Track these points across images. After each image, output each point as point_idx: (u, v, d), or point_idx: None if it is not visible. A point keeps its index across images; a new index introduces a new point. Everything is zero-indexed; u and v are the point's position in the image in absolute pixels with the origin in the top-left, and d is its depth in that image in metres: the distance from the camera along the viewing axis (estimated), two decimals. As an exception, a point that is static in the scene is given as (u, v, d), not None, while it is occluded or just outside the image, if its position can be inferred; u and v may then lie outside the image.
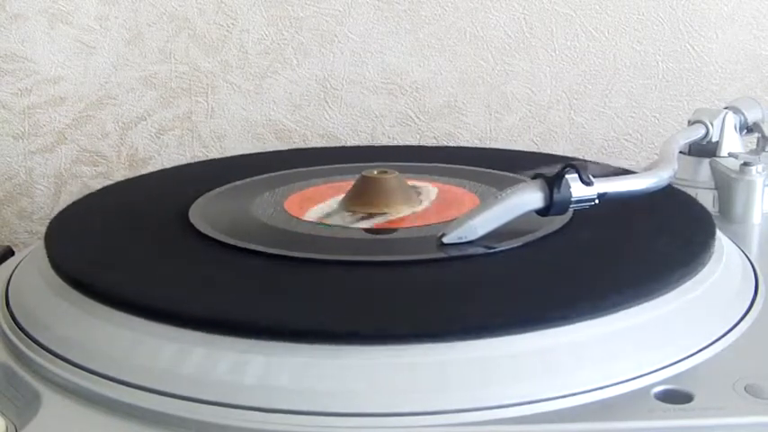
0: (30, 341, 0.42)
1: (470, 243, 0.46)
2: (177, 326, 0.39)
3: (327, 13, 0.82)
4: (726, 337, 0.41)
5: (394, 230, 0.51)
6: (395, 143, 0.83)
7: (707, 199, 0.59)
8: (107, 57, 0.82)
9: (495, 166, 0.62)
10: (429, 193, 0.56)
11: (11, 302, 0.46)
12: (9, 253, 0.56)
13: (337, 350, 0.37)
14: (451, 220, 0.48)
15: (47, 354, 0.40)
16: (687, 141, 0.61)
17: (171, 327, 0.39)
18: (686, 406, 0.36)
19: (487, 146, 0.82)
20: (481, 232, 0.46)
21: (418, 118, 0.83)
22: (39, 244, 0.50)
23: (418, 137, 0.83)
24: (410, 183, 0.56)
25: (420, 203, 0.54)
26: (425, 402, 0.36)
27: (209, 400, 0.36)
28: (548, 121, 0.83)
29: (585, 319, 0.39)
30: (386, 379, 0.36)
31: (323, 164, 0.63)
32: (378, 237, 0.50)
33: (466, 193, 0.57)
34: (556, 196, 0.45)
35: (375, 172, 0.54)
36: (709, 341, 0.41)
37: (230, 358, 0.37)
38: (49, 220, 0.52)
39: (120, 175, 0.83)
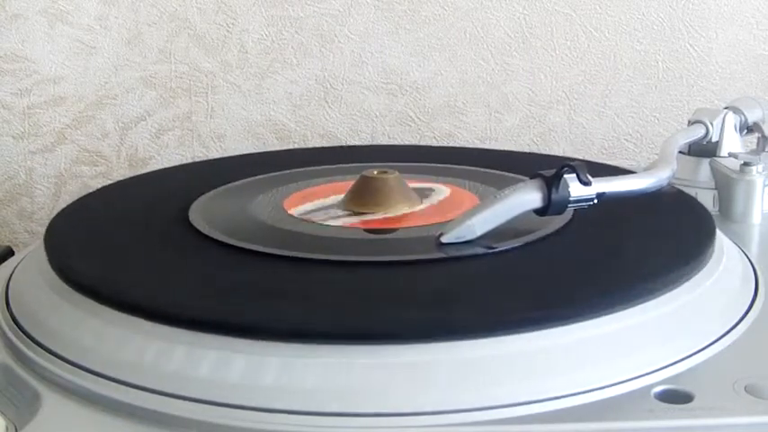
0: (30, 341, 0.42)
1: (469, 243, 0.46)
2: (176, 326, 0.39)
3: (327, 13, 0.82)
4: (726, 337, 0.41)
5: (394, 230, 0.51)
6: (395, 143, 0.83)
7: (707, 199, 0.59)
8: (107, 57, 0.82)
9: (494, 166, 0.62)
10: (440, 192, 0.55)
11: (11, 302, 0.46)
12: (9, 253, 0.56)
13: (337, 350, 0.37)
14: (450, 220, 0.48)
15: (47, 354, 0.40)
16: (687, 141, 0.61)
17: (169, 327, 0.39)
18: (686, 406, 0.36)
19: (487, 146, 0.82)
20: (479, 232, 0.46)
21: (418, 118, 0.83)
22: (39, 244, 0.50)
23: (418, 137, 0.83)
24: (423, 183, 0.55)
25: (421, 203, 0.54)
26: (424, 402, 0.36)
27: (209, 400, 0.36)
28: (548, 121, 0.83)
29: (585, 319, 0.39)
30: (384, 379, 0.36)
31: (323, 164, 0.63)
32: (377, 237, 0.50)
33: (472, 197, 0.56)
34: (554, 196, 0.45)
35: (375, 172, 0.54)
36: (709, 341, 0.41)
37: (230, 358, 0.37)
38: (49, 220, 0.52)
39: (120, 175, 0.83)
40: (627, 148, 0.83)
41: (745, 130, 0.64)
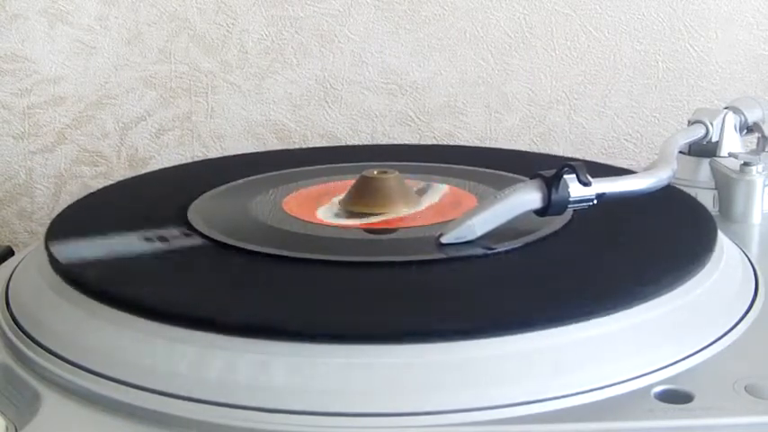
0: (30, 341, 0.42)
1: (469, 243, 0.46)
2: (176, 325, 0.39)
3: (327, 13, 0.82)
4: (726, 337, 0.41)
5: (394, 230, 0.51)
6: (395, 143, 0.83)
7: (707, 199, 0.59)
8: (107, 57, 0.82)
9: (495, 165, 0.62)
10: (436, 191, 0.55)
11: (11, 302, 0.46)
12: (9, 253, 0.56)
13: (337, 350, 0.37)
14: (450, 220, 0.48)
15: (47, 354, 0.40)
16: (687, 141, 0.61)
17: (169, 326, 0.39)
18: (686, 406, 0.36)
19: (488, 146, 0.82)
20: (479, 232, 0.46)
21: (418, 118, 0.83)
22: (39, 244, 0.50)
23: (418, 137, 0.83)
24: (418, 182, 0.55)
25: (419, 203, 0.54)
26: (424, 402, 0.36)
27: (209, 400, 0.36)
28: (548, 121, 0.83)
29: (585, 320, 0.39)
30: (384, 379, 0.36)
31: (322, 164, 0.63)
32: (377, 237, 0.50)
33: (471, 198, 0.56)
34: (554, 196, 0.45)
35: (375, 172, 0.54)
36: (709, 341, 0.41)
37: (231, 358, 0.37)
38: (49, 220, 0.52)
39: (120, 175, 0.83)
40: (627, 148, 0.83)
41: (745, 130, 0.64)
